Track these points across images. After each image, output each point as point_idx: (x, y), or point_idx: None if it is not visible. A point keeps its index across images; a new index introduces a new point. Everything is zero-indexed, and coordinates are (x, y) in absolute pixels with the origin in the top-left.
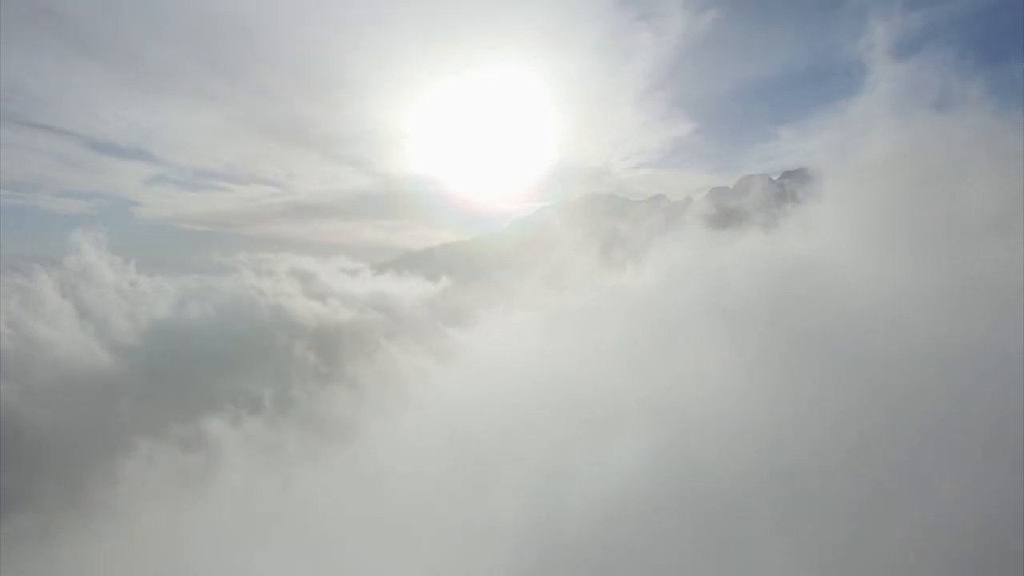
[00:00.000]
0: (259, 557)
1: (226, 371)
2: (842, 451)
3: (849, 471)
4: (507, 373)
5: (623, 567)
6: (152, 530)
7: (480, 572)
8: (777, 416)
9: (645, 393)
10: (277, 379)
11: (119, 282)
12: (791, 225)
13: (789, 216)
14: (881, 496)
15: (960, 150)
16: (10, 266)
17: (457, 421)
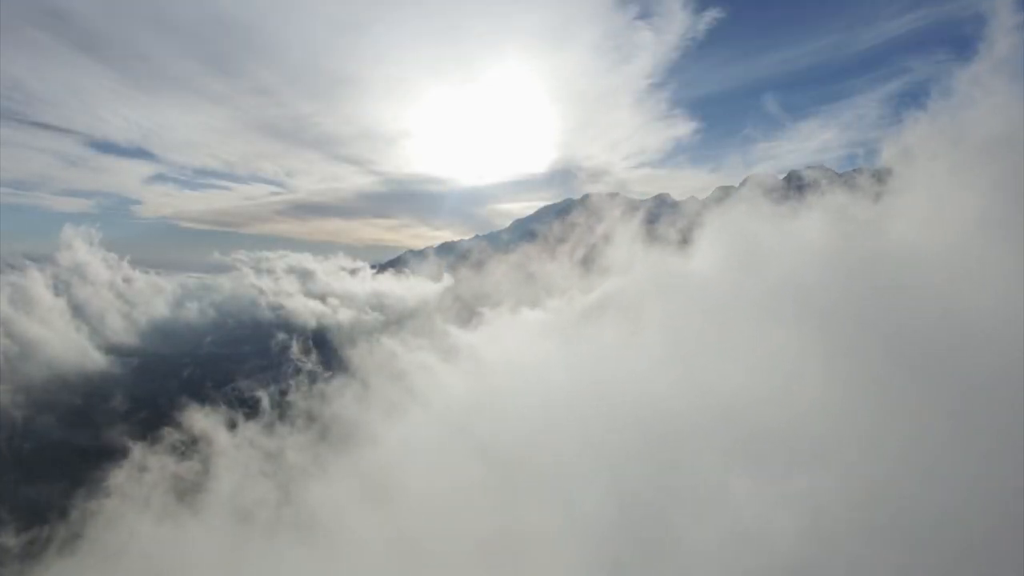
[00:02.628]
0: (259, 570)
1: (223, 371)
2: (994, 493)
3: (1011, 517)
4: (518, 372)
5: None
6: (145, 542)
7: None
8: (902, 444)
9: (710, 401)
10: (276, 380)
11: (114, 279)
12: (867, 216)
13: (863, 208)
14: None
15: None
16: (7, 264)
17: (464, 423)
